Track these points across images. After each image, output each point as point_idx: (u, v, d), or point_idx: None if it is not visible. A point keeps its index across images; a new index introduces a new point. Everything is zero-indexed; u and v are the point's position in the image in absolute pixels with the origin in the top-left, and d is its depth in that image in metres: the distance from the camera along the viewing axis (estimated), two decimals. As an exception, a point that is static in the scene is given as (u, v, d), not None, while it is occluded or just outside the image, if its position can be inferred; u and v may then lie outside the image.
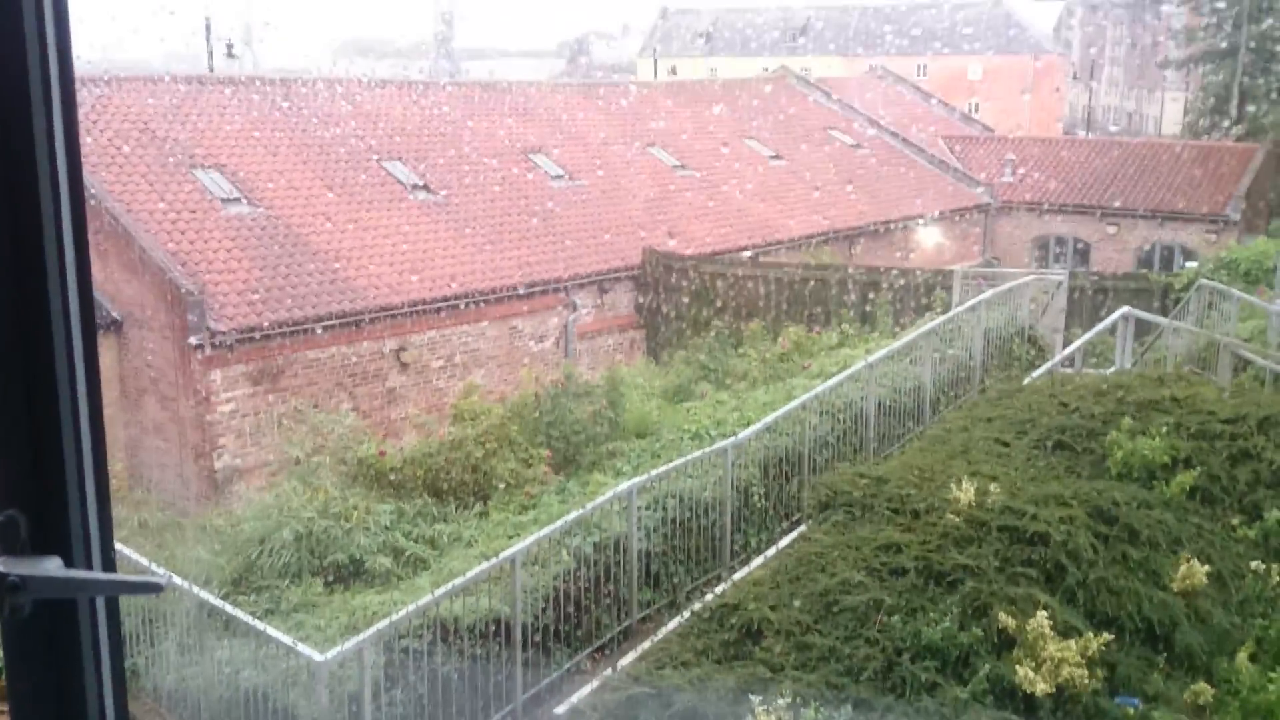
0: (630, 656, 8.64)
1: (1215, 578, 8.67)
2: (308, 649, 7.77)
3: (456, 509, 11.93)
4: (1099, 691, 7.37)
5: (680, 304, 23.69)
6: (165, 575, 8.14)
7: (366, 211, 21.63)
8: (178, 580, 8.66)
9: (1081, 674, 7.19)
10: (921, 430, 13.19)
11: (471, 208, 23.34)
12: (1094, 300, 20.98)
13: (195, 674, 8.80)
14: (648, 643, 8.67)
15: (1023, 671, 7.17)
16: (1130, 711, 7.35)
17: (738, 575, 9.82)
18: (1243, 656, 8.07)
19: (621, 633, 9.65)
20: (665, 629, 9.01)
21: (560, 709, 8.26)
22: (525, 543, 9.00)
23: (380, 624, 7.90)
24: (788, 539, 10.40)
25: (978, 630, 7.53)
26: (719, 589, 9.30)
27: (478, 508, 12.02)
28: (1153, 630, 8.05)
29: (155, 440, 18.11)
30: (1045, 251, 33.22)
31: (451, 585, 8.40)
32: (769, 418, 11.70)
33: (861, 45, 65.09)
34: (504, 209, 23.85)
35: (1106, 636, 7.50)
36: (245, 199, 20.20)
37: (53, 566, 1.56)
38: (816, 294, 22.88)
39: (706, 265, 23.99)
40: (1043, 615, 7.42)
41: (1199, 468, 9.91)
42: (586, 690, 8.29)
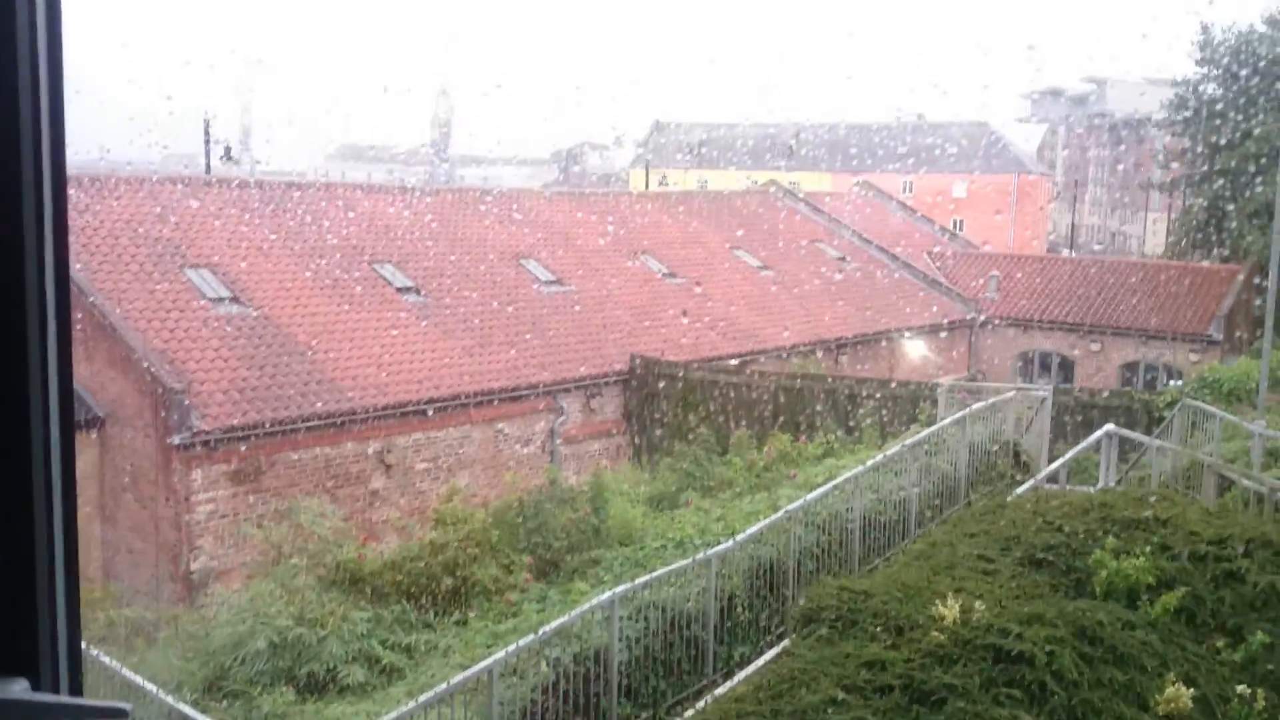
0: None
1: (1200, 701, 8.54)
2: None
3: (435, 616, 11.76)
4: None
5: (667, 410, 23.71)
6: (136, 685, 7.96)
7: (356, 312, 21.75)
8: (148, 687, 8.47)
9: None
10: (907, 544, 13.11)
11: (461, 310, 23.49)
12: (1078, 416, 21.07)
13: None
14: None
15: (1008, 797, 7.01)
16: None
17: (720, 690, 9.64)
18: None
19: (599, 748, 9.43)
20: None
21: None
22: (503, 653, 8.85)
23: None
24: (771, 652, 10.25)
25: (962, 753, 7.37)
26: (700, 704, 9.12)
27: (457, 615, 11.85)
28: (1139, 755, 7.90)
29: (133, 540, 17.87)
30: (1030, 367, 33.47)
31: (426, 698, 8.23)
32: (754, 528, 11.64)
33: (848, 161, 66.41)
34: (493, 312, 24.00)
35: (1092, 761, 7.36)
36: (235, 298, 20.31)
37: (19, 689, 1.53)
38: (802, 403, 22.95)
39: (693, 372, 24.09)
40: (1028, 738, 7.28)
41: (1184, 589, 9.84)
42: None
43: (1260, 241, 27.64)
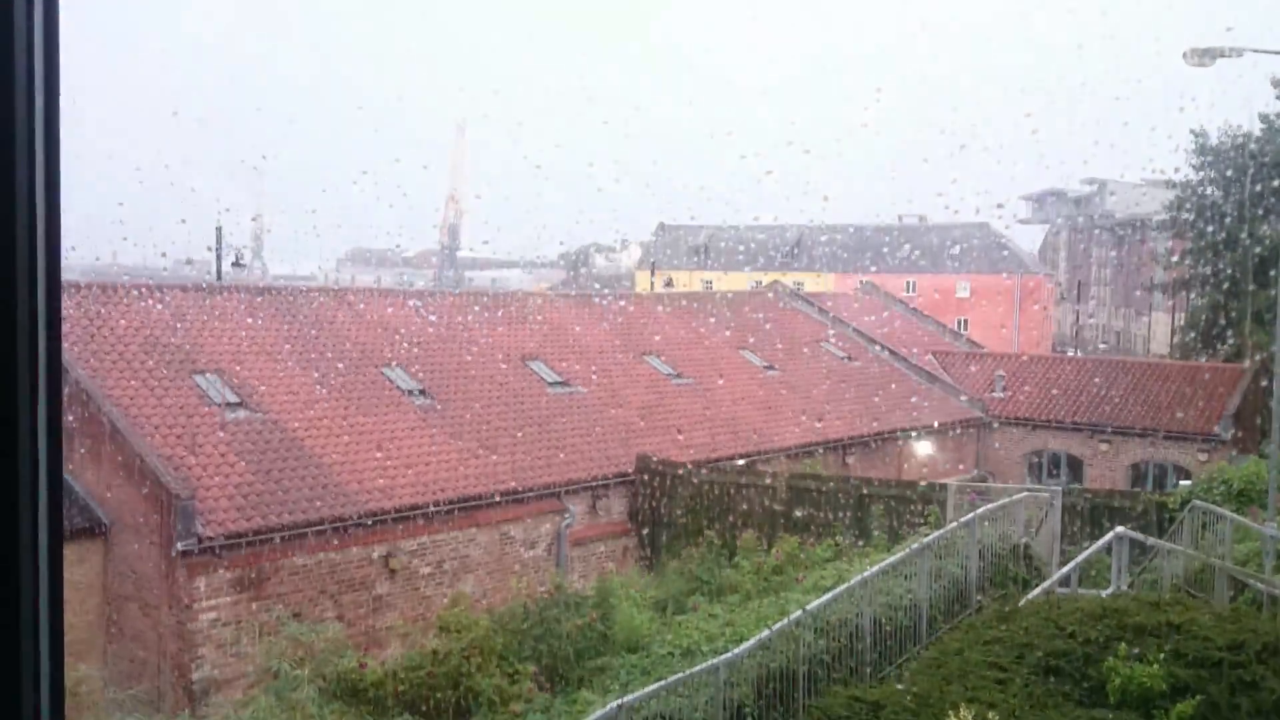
0: None
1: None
2: None
3: (438, 727, 11.55)
4: None
5: (674, 511, 23.58)
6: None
7: (364, 416, 21.81)
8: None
9: None
10: (918, 650, 12.91)
11: (468, 413, 23.54)
12: (1088, 518, 20.91)
13: None
14: None
15: None
16: None
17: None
18: None
19: None
20: None
21: None
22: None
23: None
24: (780, 766, 10.03)
25: None
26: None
27: (459, 726, 11.65)
28: None
29: (135, 649, 17.66)
30: (1038, 467, 33.32)
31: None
32: (762, 634, 11.47)
33: (851, 262, 67.08)
34: (500, 414, 24.05)
35: None
36: (243, 403, 20.39)
37: None
38: (810, 504, 22.81)
39: (700, 473, 24.01)
40: None
41: (1199, 697, 9.67)
42: None
43: (1265, 341, 27.71)
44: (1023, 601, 13.40)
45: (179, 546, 16.81)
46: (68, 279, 20.71)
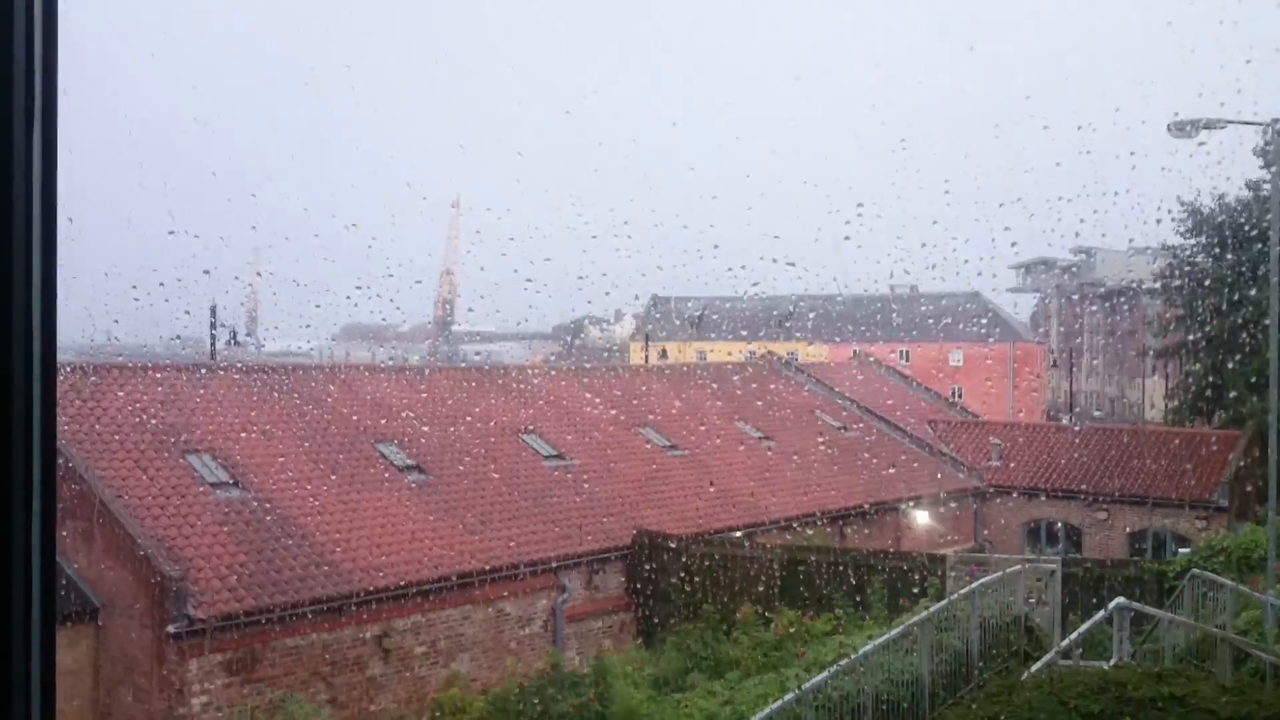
0: None
1: None
2: None
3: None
4: None
5: (671, 585, 23.37)
6: None
7: (357, 493, 21.69)
8: None
9: None
10: (920, 727, 12.73)
11: (462, 488, 23.43)
12: (1089, 588, 20.76)
13: None
14: None
15: None
16: None
17: None
18: None
19: None
20: None
21: None
22: None
23: None
24: None
25: None
26: None
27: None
28: None
29: (124, 733, 17.36)
30: (1037, 536, 33.15)
31: None
32: (762, 713, 11.33)
33: (844, 332, 67.35)
34: (495, 489, 23.93)
35: None
36: (236, 483, 20.29)
37: None
38: (808, 576, 22.64)
39: (697, 546, 23.84)
40: None
41: (1206, 772, 9.52)
42: None
43: (1259, 407, 27.76)
44: (1025, 675, 13.24)
45: (170, 629, 16.61)
46: (60, 359, 20.71)
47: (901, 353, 62.37)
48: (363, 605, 18.80)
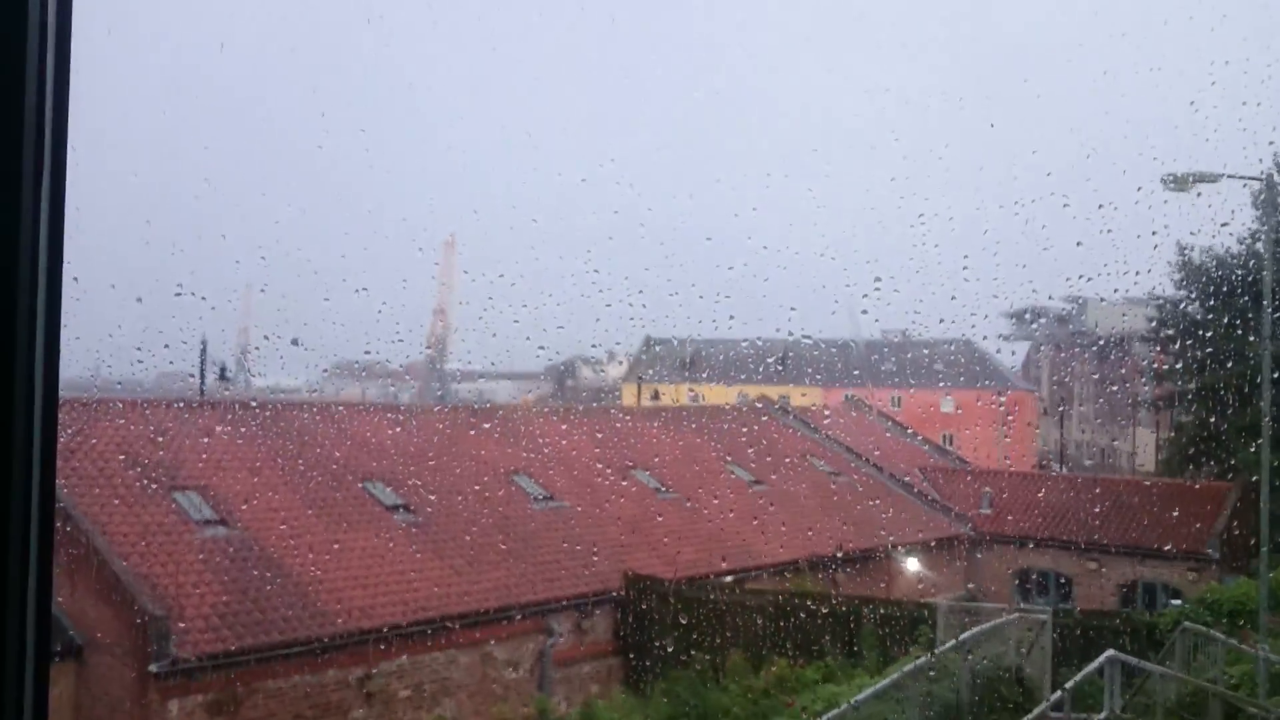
0: None
1: None
2: None
3: None
4: None
5: (661, 630, 23.18)
6: None
7: (345, 533, 21.52)
8: None
9: None
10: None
11: (452, 528, 23.26)
12: (1080, 639, 20.61)
13: None
14: None
15: None
16: None
17: None
18: None
19: None
20: None
21: None
22: None
23: None
24: None
25: None
26: None
27: None
28: None
29: (101, 775, 17.10)
30: (1027, 585, 32.97)
31: None
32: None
33: (836, 376, 67.37)
34: (484, 530, 23.77)
35: None
36: (223, 521, 20.13)
37: None
38: (799, 623, 22.49)
39: (687, 590, 23.68)
40: None
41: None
42: None
43: (1251, 459, 27.74)
44: (1016, 729, 13.12)
45: (153, 668, 16.42)
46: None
47: (894, 398, 62.39)
48: (348, 647, 18.61)
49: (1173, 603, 23.60)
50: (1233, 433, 32.40)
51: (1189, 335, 36.26)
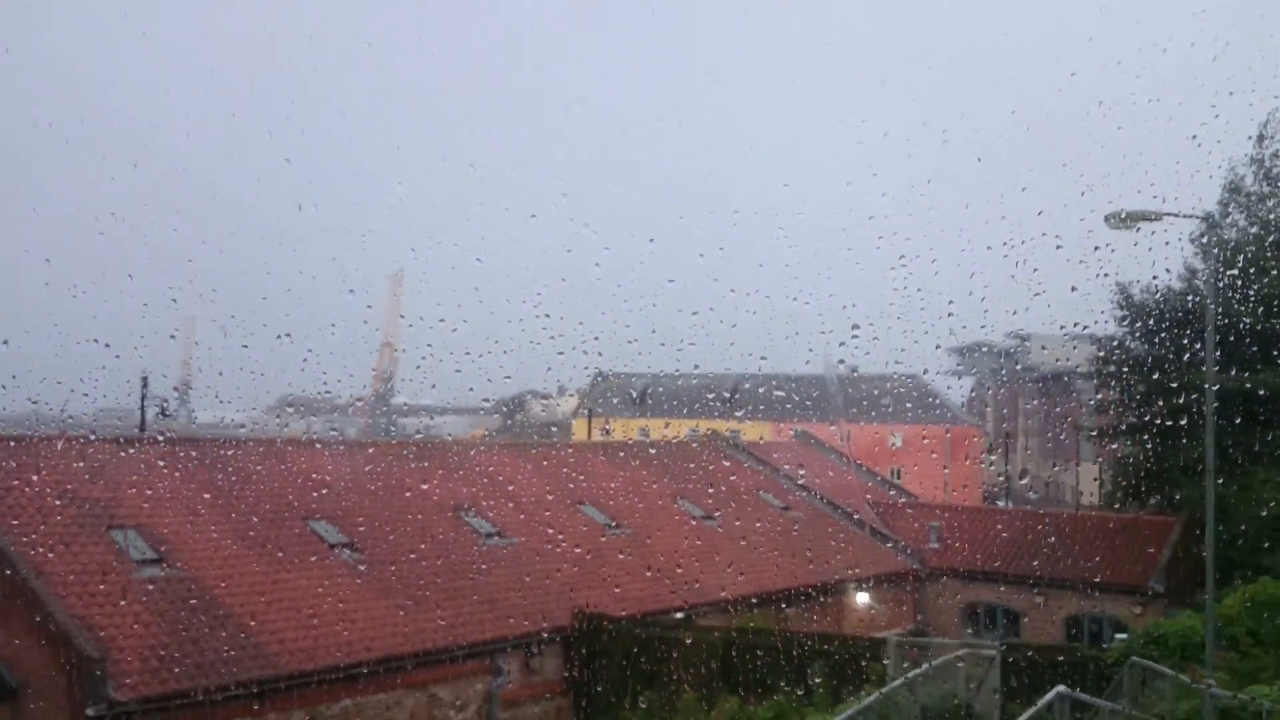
0: None
1: None
2: None
3: None
4: None
5: (611, 668, 22.95)
6: None
7: (286, 572, 21.08)
8: None
9: None
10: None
11: (397, 567, 22.89)
12: (1027, 674, 20.64)
13: None
14: None
15: None
16: None
17: None
18: None
19: None
20: None
21: None
22: None
23: None
24: None
25: None
26: None
27: None
28: None
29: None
30: (976, 618, 33.09)
31: None
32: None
33: (785, 411, 67.64)
34: (431, 567, 23.41)
35: None
36: (161, 559, 19.64)
37: None
38: (751, 659, 22.36)
39: (637, 627, 23.48)
40: None
41: None
42: None
43: (1195, 493, 28.07)
44: (967, 766, 13.06)
45: (89, 712, 15.94)
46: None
47: (843, 433, 62.64)
48: (290, 689, 18.17)
49: (1119, 636, 23.75)
50: (1175, 468, 32.79)
51: (1131, 371, 36.76)
